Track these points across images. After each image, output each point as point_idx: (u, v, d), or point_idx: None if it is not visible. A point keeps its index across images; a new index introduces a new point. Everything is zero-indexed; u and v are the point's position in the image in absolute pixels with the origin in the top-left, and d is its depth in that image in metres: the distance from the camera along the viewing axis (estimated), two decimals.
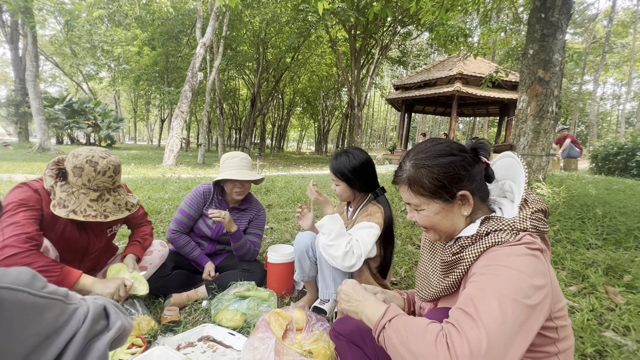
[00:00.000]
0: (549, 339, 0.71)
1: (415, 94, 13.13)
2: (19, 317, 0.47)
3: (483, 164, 0.85)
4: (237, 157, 1.92)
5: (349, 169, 1.60)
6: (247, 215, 2.08)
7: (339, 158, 1.63)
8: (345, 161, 1.61)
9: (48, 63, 26.50)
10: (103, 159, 1.32)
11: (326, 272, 1.53)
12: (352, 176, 1.60)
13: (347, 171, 1.60)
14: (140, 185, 5.01)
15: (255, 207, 2.11)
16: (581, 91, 28.08)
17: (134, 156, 14.20)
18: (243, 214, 2.06)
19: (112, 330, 0.60)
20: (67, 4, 14.30)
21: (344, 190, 1.66)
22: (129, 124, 37.53)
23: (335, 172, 1.63)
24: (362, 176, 1.62)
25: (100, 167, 1.30)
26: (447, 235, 0.86)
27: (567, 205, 2.93)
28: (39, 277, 0.53)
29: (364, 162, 1.62)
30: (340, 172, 1.61)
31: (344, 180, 1.62)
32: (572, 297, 1.73)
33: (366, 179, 1.63)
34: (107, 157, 1.34)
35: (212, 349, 1.42)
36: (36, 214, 1.27)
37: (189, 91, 10.48)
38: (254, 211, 2.10)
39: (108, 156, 1.35)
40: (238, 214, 2.04)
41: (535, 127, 3.30)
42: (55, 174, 1.33)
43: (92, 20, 17.53)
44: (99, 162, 1.30)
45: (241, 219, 2.05)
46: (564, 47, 3.27)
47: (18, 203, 1.24)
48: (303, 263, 1.68)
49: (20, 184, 1.32)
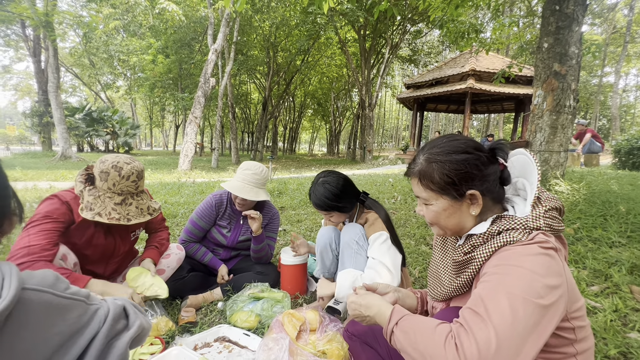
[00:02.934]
0: (566, 339, 0.69)
1: (427, 93, 12.96)
2: (45, 317, 0.50)
3: (500, 165, 0.82)
4: (249, 171, 1.86)
5: (332, 199, 1.55)
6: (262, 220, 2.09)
7: (317, 193, 1.58)
8: (325, 193, 1.56)
9: (68, 74, 27.61)
10: (127, 165, 1.39)
11: (347, 264, 1.54)
12: (340, 203, 1.57)
13: (332, 202, 1.56)
14: (156, 190, 5.14)
15: (269, 213, 2.11)
16: (602, 83, 27.04)
17: (151, 162, 14.58)
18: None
19: (132, 330, 0.62)
20: (85, 16, 14.87)
21: (338, 217, 1.64)
22: (145, 130, 38.59)
23: (321, 208, 1.59)
24: (346, 197, 1.59)
25: (125, 172, 1.37)
26: (453, 232, 0.86)
27: (588, 202, 2.83)
28: (61, 278, 0.56)
29: (342, 184, 1.59)
30: (327, 205, 1.57)
31: (334, 210, 1.59)
32: (594, 297, 1.68)
33: (350, 196, 1.61)
34: (132, 163, 1.41)
35: (228, 349, 1.44)
36: (57, 226, 1.33)
37: (202, 97, 10.69)
38: (268, 217, 2.11)
39: (132, 162, 1.42)
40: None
41: (552, 122, 3.21)
42: (84, 179, 1.41)
43: (109, 32, 18.16)
44: (124, 168, 1.37)
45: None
46: (581, 39, 3.17)
47: (42, 215, 1.31)
48: (325, 257, 1.68)
49: (51, 196, 1.39)
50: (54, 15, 10.76)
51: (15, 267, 0.50)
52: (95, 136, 20.75)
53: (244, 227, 2.04)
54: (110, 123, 20.90)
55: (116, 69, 23.38)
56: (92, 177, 1.41)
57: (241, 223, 2.04)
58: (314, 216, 3.67)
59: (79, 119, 19.30)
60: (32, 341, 0.48)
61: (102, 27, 16.48)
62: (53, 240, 1.30)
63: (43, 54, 15.51)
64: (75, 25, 16.22)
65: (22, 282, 0.49)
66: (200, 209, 1.98)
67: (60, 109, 12.01)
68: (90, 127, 19.89)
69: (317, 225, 3.33)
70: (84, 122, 19.51)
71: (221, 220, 2.00)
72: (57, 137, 12.67)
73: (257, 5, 13.94)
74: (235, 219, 2.03)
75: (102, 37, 18.76)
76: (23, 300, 0.47)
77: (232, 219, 2.03)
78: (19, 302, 0.47)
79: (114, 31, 18.65)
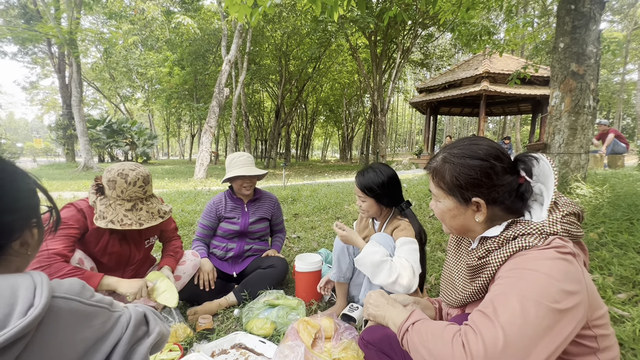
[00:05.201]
0: (588, 348, 0.67)
1: (440, 96, 12.81)
2: (72, 323, 0.52)
3: (520, 178, 0.80)
4: (243, 157, 2.09)
5: (377, 185, 1.59)
6: (264, 204, 2.27)
7: (366, 174, 1.63)
8: (373, 177, 1.60)
9: (90, 88, 28.79)
10: (132, 171, 1.44)
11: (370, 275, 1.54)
12: (381, 192, 1.59)
13: (375, 187, 1.59)
14: (173, 199, 5.26)
15: (267, 196, 2.32)
16: (624, 82, 26.05)
17: (167, 171, 14.96)
18: (260, 203, 2.26)
19: (152, 336, 0.64)
20: (106, 33, 15.55)
21: (371, 206, 1.65)
22: (162, 140, 39.69)
23: (363, 189, 1.62)
24: (389, 192, 1.61)
25: (131, 179, 1.42)
26: (458, 232, 0.89)
27: (612, 205, 2.72)
28: (87, 287, 0.58)
29: (391, 178, 1.62)
30: (369, 189, 1.60)
31: (373, 196, 1.61)
32: (621, 305, 1.60)
33: (393, 194, 1.63)
34: (136, 169, 1.45)
35: (245, 356, 1.46)
36: (72, 232, 1.40)
37: (217, 106, 10.94)
38: (267, 199, 2.30)
39: (137, 168, 1.46)
40: (256, 204, 2.24)
41: (571, 123, 3.12)
42: (95, 190, 1.47)
43: (128, 46, 18.93)
44: (129, 174, 1.42)
45: (260, 208, 2.25)
46: (599, 37, 3.08)
47: None
48: (342, 261, 1.69)
49: (68, 204, 1.47)
50: (78, 32, 11.31)
51: (46, 276, 0.53)
52: (115, 147, 21.48)
53: (250, 211, 2.20)
54: (129, 134, 21.63)
55: (135, 82, 24.29)
56: (102, 188, 1.47)
57: (246, 210, 2.19)
58: (327, 222, 3.67)
59: (100, 130, 20.07)
60: (60, 347, 0.50)
61: (121, 42, 17.21)
62: (69, 245, 1.37)
63: (67, 69, 16.32)
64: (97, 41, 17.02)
65: (52, 290, 0.51)
66: (205, 211, 2.19)
67: (83, 122, 12.53)
68: (111, 139, 20.63)
69: (331, 232, 3.33)
70: (104, 133, 20.27)
71: (227, 213, 2.16)
72: (80, 148, 13.20)
73: (268, 16, 14.23)
74: (239, 208, 2.19)
75: (122, 52, 19.59)
76: (52, 308, 0.50)
77: (236, 209, 2.18)
78: (49, 309, 0.49)
79: (133, 46, 19.44)
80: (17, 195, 0.56)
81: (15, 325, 0.44)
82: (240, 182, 2.07)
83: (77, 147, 18.92)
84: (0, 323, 0.44)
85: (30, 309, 0.46)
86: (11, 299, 0.46)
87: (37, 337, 0.47)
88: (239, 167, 2.04)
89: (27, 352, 0.46)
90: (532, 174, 0.81)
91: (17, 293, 0.47)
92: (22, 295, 0.47)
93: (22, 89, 32.11)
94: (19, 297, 0.47)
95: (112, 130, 20.86)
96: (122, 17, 15.86)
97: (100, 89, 27.55)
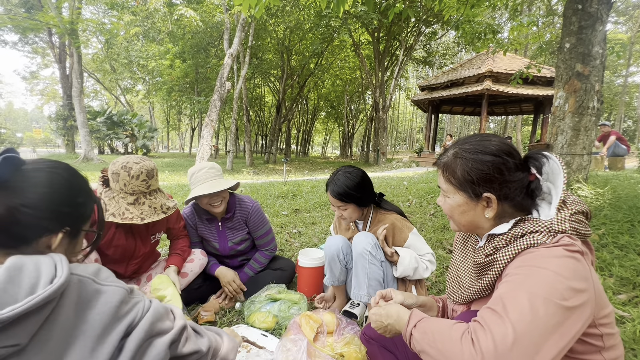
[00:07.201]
0: (593, 346, 0.68)
1: (442, 95, 12.78)
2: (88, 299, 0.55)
3: (530, 175, 0.80)
4: (204, 169, 1.74)
5: (353, 189, 1.54)
6: (240, 219, 1.92)
7: (338, 182, 1.56)
8: (347, 181, 1.55)
9: (91, 79, 28.62)
10: (136, 164, 1.40)
11: (361, 274, 1.53)
12: (360, 194, 1.55)
13: (352, 191, 1.54)
14: (174, 192, 5.26)
15: (244, 208, 1.91)
16: (627, 84, 25.98)
17: (168, 164, 14.94)
18: (236, 219, 1.92)
19: (172, 332, 0.64)
20: (107, 24, 15.43)
21: (353, 212, 1.60)
22: (162, 133, 39.58)
23: (340, 197, 1.55)
24: (366, 191, 1.59)
25: (134, 172, 1.39)
26: (467, 229, 0.88)
27: (613, 207, 2.73)
28: (104, 269, 0.62)
29: (363, 177, 1.60)
30: (346, 195, 1.54)
31: (352, 201, 1.56)
32: (622, 306, 1.61)
33: (369, 191, 1.62)
34: (141, 163, 1.42)
35: (246, 349, 1.46)
36: None
37: (218, 100, 10.90)
38: (245, 212, 1.91)
39: (142, 161, 1.43)
40: (232, 221, 1.91)
41: (575, 124, 3.12)
42: (101, 182, 1.46)
43: (129, 38, 18.78)
44: (133, 167, 1.39)
45: (236, 226, 1.93)
46: (605, 38, 3.07)
47: None
48: (334, 267, 1.69)
49: None
50: (79, 23, 11.23)
51: (64, 256, 0.57)
52: (115, 139, 21.43)
53: (227, 232, 1.91)
54: (130, 126, 21.56)
55: (135, 74, 24.14)
56: (107, 180, 1.45)
57: (221, 229, 1.91)
58: (328, 218, 3.68)
59: (100, 122, 20.00)
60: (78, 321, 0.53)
61: (123, 33, 17.07)
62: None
63: (68, 60, 16.21)
64: (98, 32, 16.89)
65: (70, 268, 0.55)
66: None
67: (83, 113, 12.50)
68: (111, 130, 20.57)
69: None
70: (104, 125, 20.20)
71: (202, 232, 1.92)
72: (80, 139, 13.18)
73: (271, 10, 14.13)
74: (214, 227, 1.91)
75: (123, 43, 19.45)
76: (70, 283, 0.54)
77: (210, 229, 1.91)
78: (68, 285, 0.53)
79: (134, 37, 19.29)
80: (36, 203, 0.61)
81: (45, 290, 0.49)
82: (206, 201, 1.73)
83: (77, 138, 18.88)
84: (30, 290, 0.49)
85: (54, 279, 0.52)
86: (35, 272, 0.52)
87: (60, 307, 0.52)
88: (201, 183, 1.71)
89: (49, 322, 0.50)
90: (542, 172, 0.81)
91: (40, 267, 0.53)
92: (45, 269, 0.53)
93: (22, 79, 31.91)
94: (43, 271, 0.53)
95: (113, 122, 20.78)
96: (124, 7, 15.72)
97: (101, 80, 27.40)
